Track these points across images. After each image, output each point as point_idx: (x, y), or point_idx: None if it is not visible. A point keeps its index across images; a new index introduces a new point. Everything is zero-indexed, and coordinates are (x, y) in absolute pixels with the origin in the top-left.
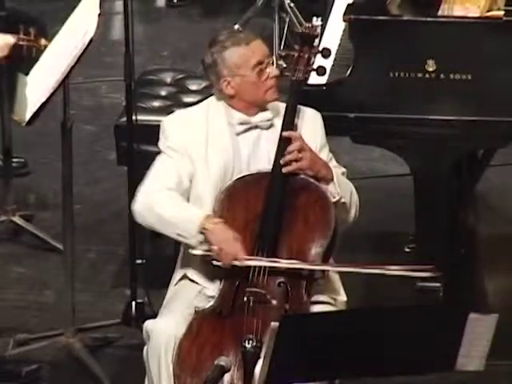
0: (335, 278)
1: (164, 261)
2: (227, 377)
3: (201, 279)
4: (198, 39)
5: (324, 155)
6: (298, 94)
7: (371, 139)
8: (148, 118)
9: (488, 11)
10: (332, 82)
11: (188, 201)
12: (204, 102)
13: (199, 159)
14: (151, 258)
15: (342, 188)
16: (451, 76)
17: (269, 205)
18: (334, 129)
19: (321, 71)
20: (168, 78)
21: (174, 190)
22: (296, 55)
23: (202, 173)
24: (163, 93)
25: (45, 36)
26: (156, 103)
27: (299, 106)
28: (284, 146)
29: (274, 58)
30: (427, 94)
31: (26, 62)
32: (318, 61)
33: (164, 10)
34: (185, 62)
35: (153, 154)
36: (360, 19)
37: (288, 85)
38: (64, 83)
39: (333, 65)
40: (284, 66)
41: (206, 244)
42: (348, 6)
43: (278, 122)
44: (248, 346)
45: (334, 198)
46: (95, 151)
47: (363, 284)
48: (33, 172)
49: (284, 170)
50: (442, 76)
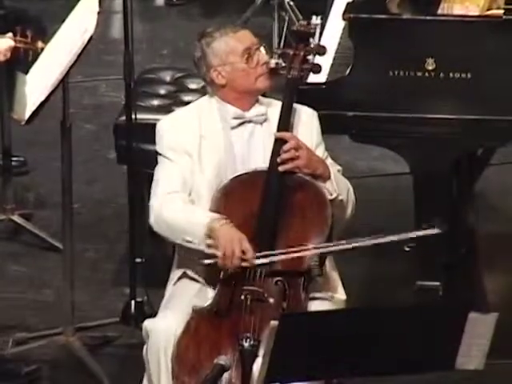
0: (334, 276)
1: (163, 260)
2: (225, 375)
3: (201, 277)
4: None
5: (319, 153)
6: (293, 92)
7: (371, 138)
8: (147, 116)
9: (488, 10)
10: (331, 81)
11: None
12: (196, 102)
13: (194, 157)
14: (151, 256)
15: (339, 185)
16: (451, 75)
17: (266, 203)
18: (333, 127)
19: (316, 69)
20: (167, 76)
21: (181, 192)
22: (291, 53)
23: (198, 174)
24: (162, 91)
25: (43, 37)
26: (155, 102)
27: (295, 105)
28: (279, 145)
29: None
30: (427, 92)
31: (23, 63)
32: (313, 59)
33: (163, 9)
34: (184, 61)
35: (152, 152)
36: (360, 18)
37: (285, 83)
38: (63, 82)
39: (332, 63)
40: (280, 63)
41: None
42: (348, 4)
43: (273, 116)
44: (246, 344)
45: (332, 195)
46: (95, 150)
47: (363, 283)
48: (32, 171)
49: (281, 168)
50: (441, 75)
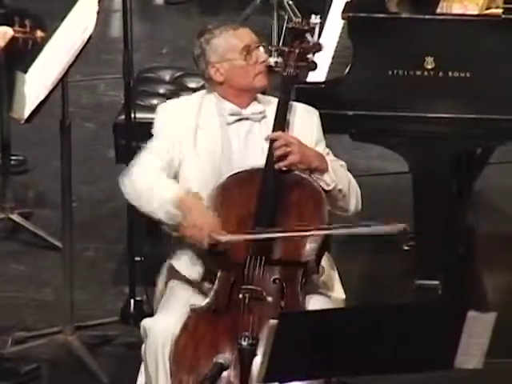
0: (332, 274)
1: (162, 259)
2: (224, 374)
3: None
4: None
5: (320, 150)
6: (289, 89)
7: (370, 137)
8: (147, 115)
9: (487, 9)
10: (331, 80)
11: None
12: (201, 92)
13: (188, 145)
14: (150, 255)
15: (338, 176)
16: (450, 74)
17: (263, 201)
18: (332, 127)
19: (311, 66)
20: (167, 75)
21: (160, 170)
22: (287, 50)
23: (190, 158)
24: (162, 90)
25: (41, 28)
26: (155, 101)
27: (293, 102)
28: (273, 143)
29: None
30: (426, 91)
31: (22, 54)
32: (310, 56)
33: (163, 8)
34: (184, 60)
35: None
36: (359, 17)
37: (281, 80)
38: (62, 81)
39: (331, 63)
40: (280, 62)
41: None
42: (347, 3)
43: (271, 114)
44: (244, 343)
45: (329, 185)
46: (94, 149)
47: (362, 282)
48: (31, 170)
49: (276, 166)
50: (440, 74)
